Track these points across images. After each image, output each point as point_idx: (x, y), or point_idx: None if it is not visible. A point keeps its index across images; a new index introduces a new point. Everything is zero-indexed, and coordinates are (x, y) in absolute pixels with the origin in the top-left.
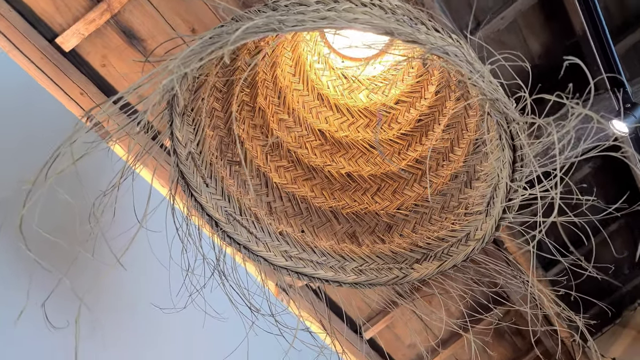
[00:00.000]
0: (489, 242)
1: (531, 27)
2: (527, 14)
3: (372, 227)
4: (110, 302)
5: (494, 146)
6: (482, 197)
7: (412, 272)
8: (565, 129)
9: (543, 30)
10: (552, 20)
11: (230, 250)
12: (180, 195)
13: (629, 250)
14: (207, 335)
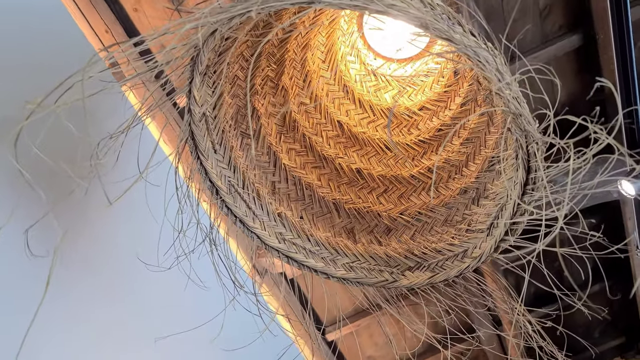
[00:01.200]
0: (485, 262)
1: (562, 74)
2: (560, 60)
3: (372, 227)
4: (95, 245)
5: (509, 165)
6: (487, 215)
7: (402, 279)
8: (585, 156)
9: (573, 79)
10: (584, 73)
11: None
12: (184, 158)
13: (602, 314)
14: (185, 300)
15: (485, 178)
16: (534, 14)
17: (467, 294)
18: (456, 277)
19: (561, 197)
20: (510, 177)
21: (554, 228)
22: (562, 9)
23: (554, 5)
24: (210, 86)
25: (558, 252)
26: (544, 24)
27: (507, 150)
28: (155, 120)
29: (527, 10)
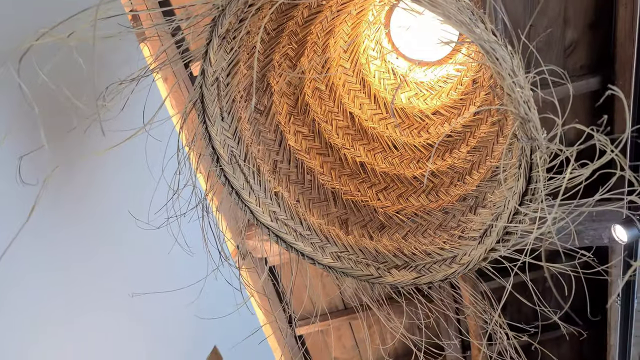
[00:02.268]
0: (472, 269)
1: (574, 113)
2: (575, 99)
3: (366, 221)
4: (87, 190)
5: (510, 174)
6: (482, 224)
7: (388, 276)
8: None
9: (584, 120)
10: (597, 117)
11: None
12: (188, 122)
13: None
14: (168, 262)
15: (486, 187)
16: (558, 49)
17: (447, 300)
18: (441, 282)
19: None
20: (511, 187)
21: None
22: (586, 49)
23: (580, 43)
24: (228, 52)
25: (544, 267)
26: (567, 61)
27: (512, 159)
28: (165, 80)
29: (553, 44)
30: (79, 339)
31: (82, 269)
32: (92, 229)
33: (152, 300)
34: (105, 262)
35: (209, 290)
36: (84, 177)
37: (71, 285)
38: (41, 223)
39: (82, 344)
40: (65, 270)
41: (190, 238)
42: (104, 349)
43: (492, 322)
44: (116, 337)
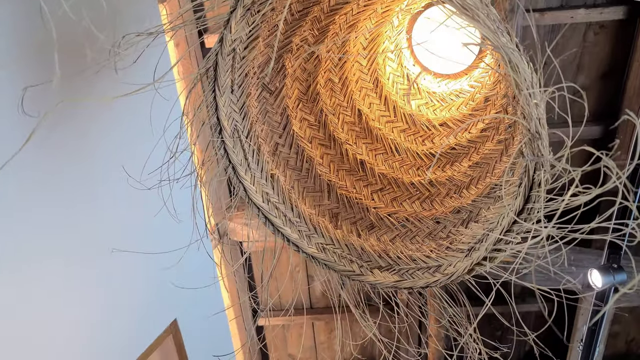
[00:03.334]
0: (455, 281)
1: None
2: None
3: (357, 218)
4: (85, 138)
5: (509, 192)
6: (472, 237)
7: (369, 275)
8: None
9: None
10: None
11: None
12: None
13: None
14: (153, 225)
15: (481, 203)
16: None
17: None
18: (422, 288)
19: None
20: (507, 205)
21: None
22: (594, 97)
23: (590, 90)
24: (249, 24)
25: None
26: (572, 105)
27: (513, 177)
28: (177, 46)
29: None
30: (45, 280)
31: (67, 210)
32: (84, 174)
33: (127, 259)
34: (90, 214)
35: (185, 262)
36: (86, 121)
37: (52, 226)
38: (36, 156)
39: (48, 285)
40: (52, 207)
41: (177, 205)
42: (70, 296)
43: (466, 336)
44: (82, 287)
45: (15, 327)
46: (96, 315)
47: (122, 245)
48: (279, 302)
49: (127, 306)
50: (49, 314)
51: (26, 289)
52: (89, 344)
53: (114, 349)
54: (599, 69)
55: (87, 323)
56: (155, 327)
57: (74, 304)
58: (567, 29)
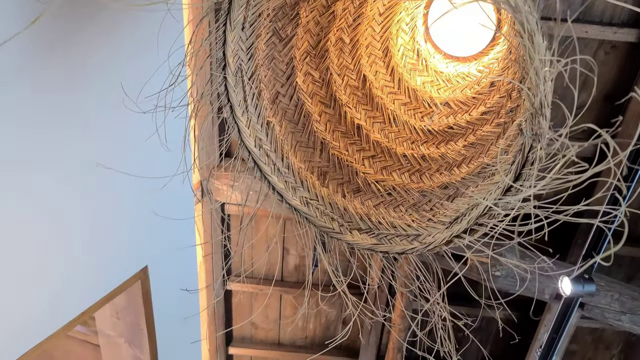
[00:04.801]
0: (432, 251)
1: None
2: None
3: (344, 180)
4: (87, 47)
5: (500, 170)
6: (455, 211)
7: (348, 235)
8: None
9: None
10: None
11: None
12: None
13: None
14: (142, 149)
15: (470, 181)
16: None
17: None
18: (397, 254)
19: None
20: (496, 182)
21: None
22: (593, 117)
23: (590, 110)
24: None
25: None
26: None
27: (508, 154)
28: None
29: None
30: (22, 194)
31: (55, 121)
32: (77, 85)
33: (116, 178)
34: (78, 131)
35: (174, 193)
36: (88, 26)
37: (38, 139)
38: (26, 56)
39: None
40: (39, 117)
41: (169, 133)
42: (46, 217)
43: (433, 301)
44: (61, 208)
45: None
46: (70, 242)
47: (109, 163)
48: (251, 269)
49: (103, 241)
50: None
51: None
52: (57, 270)
53: (82, 280)
54: (603, 89)
55: (58, 249)
56: (125, 270)
57: (50, 226)
58: (579, 44)
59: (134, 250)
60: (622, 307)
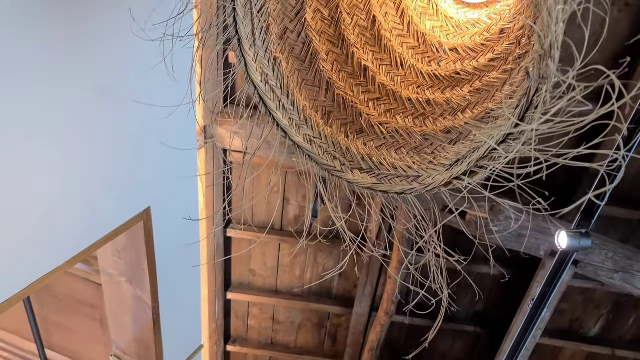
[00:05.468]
0: (431, 192)
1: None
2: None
3: (348, 121)
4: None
5: (504, 112)
6: (456, 154)
7: (349, 174)
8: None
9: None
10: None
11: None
12: None
13: (458, 357)
14: (148, 78)
15: (474, 126)
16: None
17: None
18: (396, 194)
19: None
20: (499, 126)
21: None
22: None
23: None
24: None
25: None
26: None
27: (513, 98)
28: None
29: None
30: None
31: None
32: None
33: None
34: (85, 49)
35: (178, 121)
36: None
37: (42, 63)
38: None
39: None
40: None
41: (176, 63)
42: (50, 143)
43: (428, 237)
44: (66, 136)
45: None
46: (74, 180)
47: (115, 92)
48: (251, 218)
49: (106, 180)
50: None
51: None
52: (61, 208)
53: (84, 218)
54: (616, 49)
55: (62, 186)
56: (128, 211)
57: (54, 162)
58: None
59: (137, 191)
60: (615, 265)
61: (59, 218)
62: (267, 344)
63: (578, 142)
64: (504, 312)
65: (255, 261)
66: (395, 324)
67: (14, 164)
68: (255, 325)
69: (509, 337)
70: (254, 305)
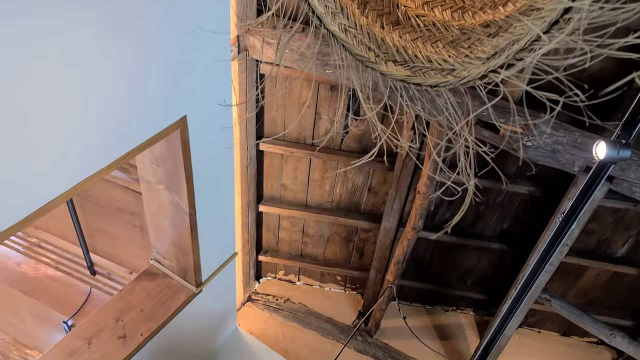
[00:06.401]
0: (466, 85)
1: None
2: None
3: (384, 12)
4: None
5: (549, 4)
6: (494, 47)
7: (382, 65)
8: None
9: None
10: None
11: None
12: None
13: (483, 273)
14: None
15: (515, 19)
16: None
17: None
18: (430, 87)
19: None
20: (544, 16)
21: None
22: None
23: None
24: None
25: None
26: None
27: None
28: None
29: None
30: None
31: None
32: None
33: (154, 18)
34: None
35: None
36: None
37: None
38: None
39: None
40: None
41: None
42: (90, 52)
43: (459, 127)
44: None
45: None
46: (112, 87)
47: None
48: (283, 131)
49: (144, 87)
50: (61, 76)
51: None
52: (100, 115)
53: (123, 125)
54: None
55: (101, 94)
56: (165, 118)
57: (92, 70)
58: None
59: (173, 99)
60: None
61: (98, 125)
62: (297, 256)
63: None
64: (530, 231)
65: (286, 175)
66: (422, 240)
67: (56, 68)
68: (285, 237)
69: (534, 252)
70: (285, 218)
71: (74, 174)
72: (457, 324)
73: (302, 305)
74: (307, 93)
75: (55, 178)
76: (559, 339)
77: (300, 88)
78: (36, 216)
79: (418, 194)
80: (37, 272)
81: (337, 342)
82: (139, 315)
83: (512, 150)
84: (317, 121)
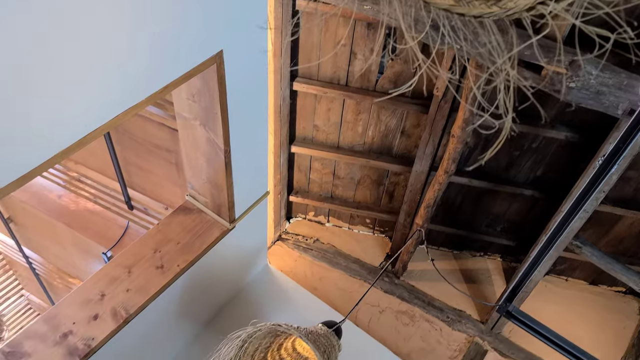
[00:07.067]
0: (511, 17)
1: None
2: None
3: None
4: None
5: None
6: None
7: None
8: None
9: None
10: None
11: None
12: None
13: (513, 220)
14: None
15: None
16: None
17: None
18: (473, 17)
19: None
20: None
21: None
22: None
23: None
24: None
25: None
26: None
27: None
28: None
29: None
30: None
31: None
32: None
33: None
34: None
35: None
36: None
37: None
38: None
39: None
40: None
41: None
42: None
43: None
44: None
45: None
46: (147, 23)
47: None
48: (317, 72)
49: (179, 21)
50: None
51: None
52: (135, 48)
53: (160, 59)
54: None
55: (138, 27)
56: (201, 52)
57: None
58: None
59: (209, 33)
60: None
61: (134, 58)
62: (327, 197)
63: None
64: (564, 178)
65: (319, 116)
66: (453, 184)
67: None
68: (316, 178)
69: (569, 198)
70: (316, 159)
71: (111, 107)
72: (484, 269)
73: (330, 246)
74: (343, 31)
75: (93, 111)
76: (586, 287)
77: (337, 25)
78: (75, 148)
79: (452, 137)
80: (77, 206)
81: (364, 282)
82: (175, 248)
83: (554, 92)
84: (352, 61)
